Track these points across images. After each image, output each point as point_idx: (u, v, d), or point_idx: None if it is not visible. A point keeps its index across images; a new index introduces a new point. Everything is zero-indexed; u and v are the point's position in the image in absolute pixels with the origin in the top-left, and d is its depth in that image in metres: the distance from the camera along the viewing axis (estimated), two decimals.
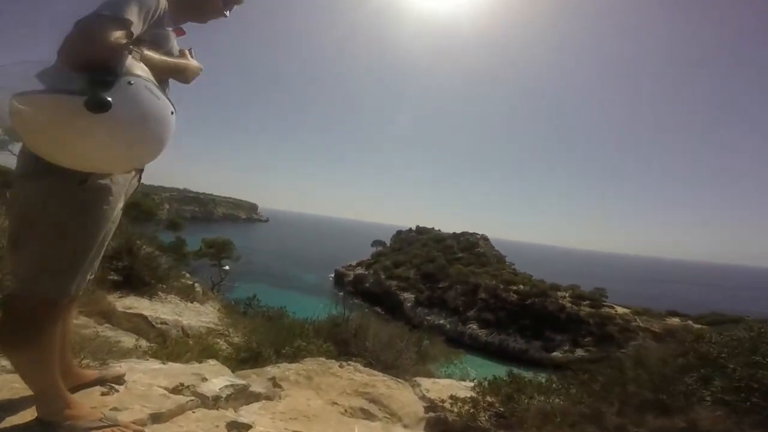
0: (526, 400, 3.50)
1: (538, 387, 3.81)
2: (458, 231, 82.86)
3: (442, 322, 53.77)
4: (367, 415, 4.08)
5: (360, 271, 74.38)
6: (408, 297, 59.90)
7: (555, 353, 44.82)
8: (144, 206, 22.94)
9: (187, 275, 16.94)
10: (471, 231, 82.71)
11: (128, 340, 6.36)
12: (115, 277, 9.11)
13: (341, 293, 63.89)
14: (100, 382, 2.29)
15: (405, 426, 3.84)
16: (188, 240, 28.57)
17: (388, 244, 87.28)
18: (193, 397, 2.63)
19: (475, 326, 51.55)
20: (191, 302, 10.48)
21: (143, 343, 6.37)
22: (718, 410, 2.38)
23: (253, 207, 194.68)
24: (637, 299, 58.59)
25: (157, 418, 2.20)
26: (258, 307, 17.04)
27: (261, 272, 73.14)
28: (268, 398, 3.43)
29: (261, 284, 61.70)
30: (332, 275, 79.11)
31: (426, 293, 59.30)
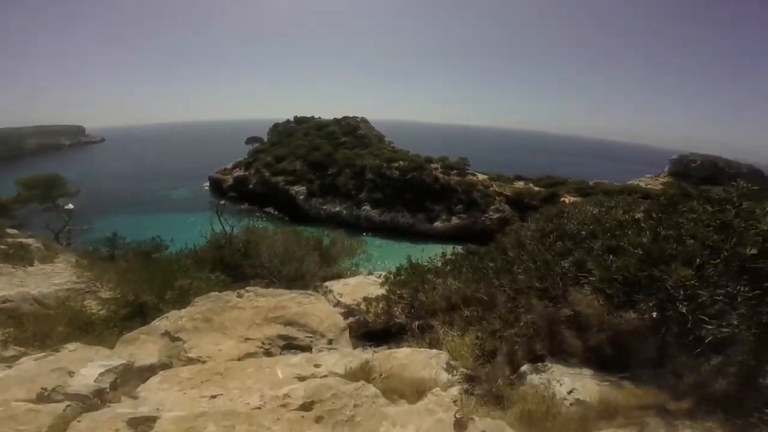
0: (430, 291, 3.91)
1: (437, 271, 4.25)
2: (338, 116, 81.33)
3: (338, 209, 55.75)
4: (287, 341, 4.04)
5: (239, 173, 68.84)
6: (299, 190, 58.99)
7: (437, 223, 51.71)
8: None
9: (13, 232, 13.37)
10: (351, 115, 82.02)
11: None
12: None
13: (223, 201, 59.10)
14: None
15: (330, 341, 3.94)
16: None
17: (266, 140, 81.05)
18: (69, 402, 2.14)
19: (368, 207, 54.76)
20: (31, 265, 8.46)
21: None
22: (592, 295, 2.85)
23: (78, 130, 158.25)
24: (490, 166, 68.82)
25: None
26: (124, 245, 14.74)
27: (118, 202, 62.40)
28: (166, 366, 3.05)
29: (123, 216, 53.15)
30: (207, 184, 72.26)
31: (317, 183, 59.01)
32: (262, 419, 2.02)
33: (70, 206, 25.06)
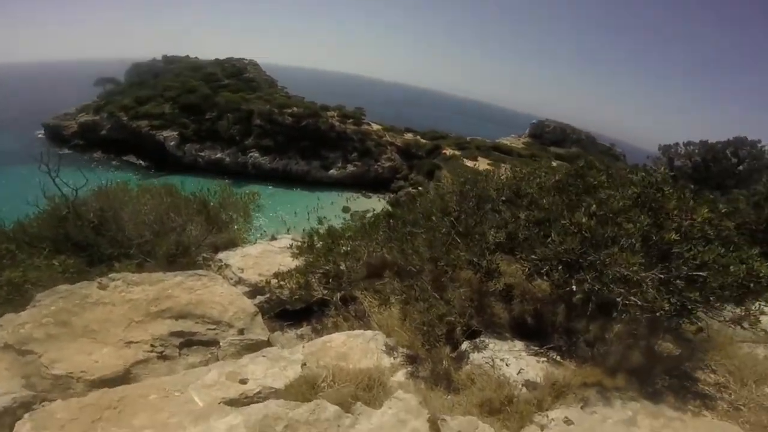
0: (351, 259, 3.53)
1: (353, 234, 3.86)
2: (221, 57, 70.95)
3: (219, 155, 50.77)
4: (185, 337, 3.21)
5: (87, 118, 56.55)
6: (169, 135, 51.34)
7: (332, 171, 51.70)
8: None
9: None
10: (237, 57, 72.25)
11: None
12: None
13: (66, 151, 48.30)
14: None
15: (241, 331, 3.20)
16: None
17: (123, 81, 66.98)
18: None
19: (256, 154, 51.18)
20: None
21: None
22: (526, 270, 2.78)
23: None
24: (385, 118, 69.71)
25: None
26: None
27: None
28: (28, 404, 2.11)
29: None
30: (41, 132, 57.83)
31: (192, 128, 52.18)
32: None
33: None
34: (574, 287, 2.80)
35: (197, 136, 52.05)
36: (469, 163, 45.96)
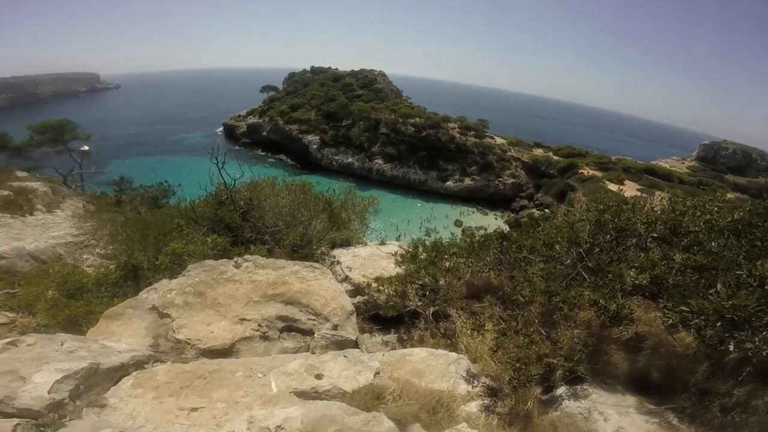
0: (452, 276, 3.36)
1: (458, 251, 3.66)
2: (356, 69, 78.70)
3: (350, 160, 55.35)
4: (287, 323, 3.49)
5: (253, 120, 68.57)
6: (312, 139, 58.33)
7: (448, 183, 51.13)
8: None
9: (22, 174, 13.15)
10: (368, 68, 79.20)
11: None
12: None
13: (237, 147, 59.50)
14: None
15: (335, 327, 3.33)
16: (13, 131, 21.75)
17: (281, 88, 79.64)
18: (18, 420, 1.75)
19: (380, 161, 54.09)
20: (31, 214, 8.19)
21: None
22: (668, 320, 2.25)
23: (92, 77, 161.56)
24: (511, 130, 65.92)
25: None
26: (131, 190, 14.50)
27: (136, 143, 62.98)
28: (141, 364, 2.55)
29: (138, 158, 53.75)
30: (220, 129, 72.44)
31: (330, 133, 58.20)
32: None
33: (86, 148, 25.23)
34: (731, 347, 2.16)
35: (334, 141, 57.70)
36: (613, 187, 39.11)
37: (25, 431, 1.74)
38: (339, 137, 57.83)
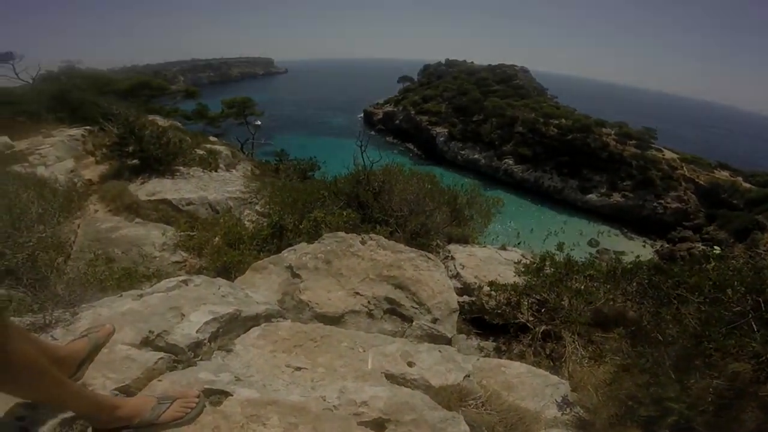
0: (577, 297, 3.03)
1: (594, 270, 3.25)
2: (494, 63, 76.15)
3: (476, 156, 53.55)
4: (392, 305, 3.73)
5: (389, 108, 72.33)
6: (440, 132, 58.36)
7: (591, 195, 43.53)
8: (153, 84, 22.90)
9: (213, 139, 16.64)
10: (509, 63, 75.73)
11: (156, 235, 6.28)
12: (131, 162, 8.80)
13: (372, 132, 63.60)
14: (96, 349, 1.92)
15: (434, 320, 3.43)
16: (211, 104, 27.66)
17: (416, 80, 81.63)
18: (162, 354, 2.04)
19: (510, 161, 50.43)
20: (215, 171, 10.34)
21: (170, 234, 6.20)
22: None
23: (268, 62, 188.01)
24: (688, 145, 53.04)
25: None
26: (287, 160, 17.12)
27: (292, 122, 73.04)
28: (270, 317, 2.87)
29: (293, 134, 62.20)
30: (361, 115, 78.48)
31: (459, 127, 57.30)
32: (327, 428, 1.76)
33: (258, 123, 30.77)
34: None
35: (462, 136, 56.63)
36: None
37: (165, 364, 1.98)
38: (468, 132, 56.49)
